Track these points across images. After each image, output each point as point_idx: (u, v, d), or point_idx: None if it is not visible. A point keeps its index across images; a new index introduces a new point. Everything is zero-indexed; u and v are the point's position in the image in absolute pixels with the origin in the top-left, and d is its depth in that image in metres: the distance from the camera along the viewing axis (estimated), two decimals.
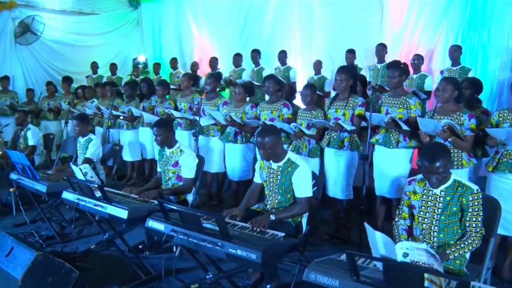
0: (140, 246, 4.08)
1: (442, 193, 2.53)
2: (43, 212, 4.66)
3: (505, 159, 3.29)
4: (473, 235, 2.48)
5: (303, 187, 3.11)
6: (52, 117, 7.92)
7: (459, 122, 3.44)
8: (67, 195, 3.80)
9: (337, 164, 4.24)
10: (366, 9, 6.90)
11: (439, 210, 2.54)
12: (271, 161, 3.22)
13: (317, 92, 4.97)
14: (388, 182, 3.99)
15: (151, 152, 6.28)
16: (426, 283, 1.87)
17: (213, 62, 8.01)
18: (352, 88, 4.17)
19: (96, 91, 7.37)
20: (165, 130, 3.95)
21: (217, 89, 6.05)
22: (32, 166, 5.76)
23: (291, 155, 3.21)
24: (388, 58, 6.41)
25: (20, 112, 6.34)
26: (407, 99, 3.84)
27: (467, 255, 2.54)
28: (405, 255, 1.94)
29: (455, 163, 3.49)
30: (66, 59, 9.33)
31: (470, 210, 2.47)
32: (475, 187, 2.49)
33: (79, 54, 9.41)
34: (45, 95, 8.17)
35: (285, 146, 4.57)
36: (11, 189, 5.03)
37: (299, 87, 6.23)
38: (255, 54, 7.34)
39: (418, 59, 5.83)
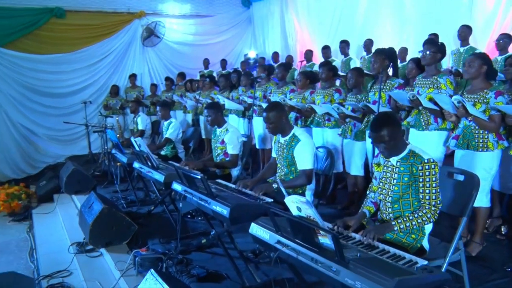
0: (193, 213, 4.70)
1: (398, 163, 2.51)
2: (131, 183, 5.65)
3: None
4: (426, 207, 2.40)
5: (302, 161, 3.35)
6: None
7: (484, 101, 3.25)
8: (136, 164, 4.65)
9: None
10: None
11: (394, 180, 2.53)
12: (279, 136, 3.52)
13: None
14: None
15: None
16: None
17: (308, 54, 8.35)
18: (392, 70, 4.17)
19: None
20: (214, 111, 4.50)
21: None
22: None
23: (296, 130, 3.46)
24: (478, 42, 6.00)
25: (133, 102, 7.56)
26: (438, 78, 3.66)
27: (426, 231, 2.49)
28: (299, 209, 2.09)
29: (480, 146, 3.30)
30: (185, 57, 10.53)
31: (421, 180, 2.40)
32: (426, 157, 2.41)
33: (196, 52, 10.49)
34: (164, 89, 9.53)
35: (337, 130, 4.80)
36: (118, 164, 6.16)
37: None
38: (343, 45, 7.48)
39: (503, 39, 5.31)
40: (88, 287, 3.62)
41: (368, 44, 7.10)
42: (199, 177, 2.94)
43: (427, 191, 2.41)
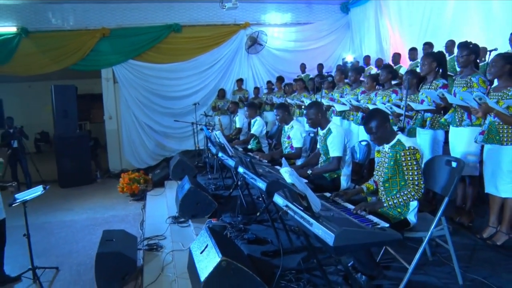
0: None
1: (389, 150, 3.04)
2: (221, 171, 6.69)
3: None
4: (410, 186, 2.88)
5: (333, 148, 3.97)
6: (269, 108, 10.10)
7: (507, 98, 3.49)
8: (220, 154, 5.64)
9: (421, 142, 4.61)
10: None
11: (385, 164, 3.05)
12: (320, 129, 4.17)
13: None
14: None
15: None
16: None
17: (395, 57, 8.62)
18: (441, 72, 4.49)
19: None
20: (282, 111, 5.27)
21: None
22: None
23: (331, 124, 4.08)
24: None
25: (232, 104, 8.66)
26: (471, 78, 3.92)
27: (411, 206, 2.95)
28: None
29: (505, 140, 3.52)
30: (285, 62, 11.36)
31: (404, 164, 2.90)
32: (407, 144, 2.89)
33: (297, 57, 11.22)
34: (265, 91, 10.54)
35: (394, 128, 5.23)
36: (215, 156, 7.28)
37: None
38: (426, 47, 7.60)
39: None
40: (173, 246, 4.70)
41: (449, 45, 7.15)
42: (248, 159, 3.77)
43: (410, 173, 2.90)
